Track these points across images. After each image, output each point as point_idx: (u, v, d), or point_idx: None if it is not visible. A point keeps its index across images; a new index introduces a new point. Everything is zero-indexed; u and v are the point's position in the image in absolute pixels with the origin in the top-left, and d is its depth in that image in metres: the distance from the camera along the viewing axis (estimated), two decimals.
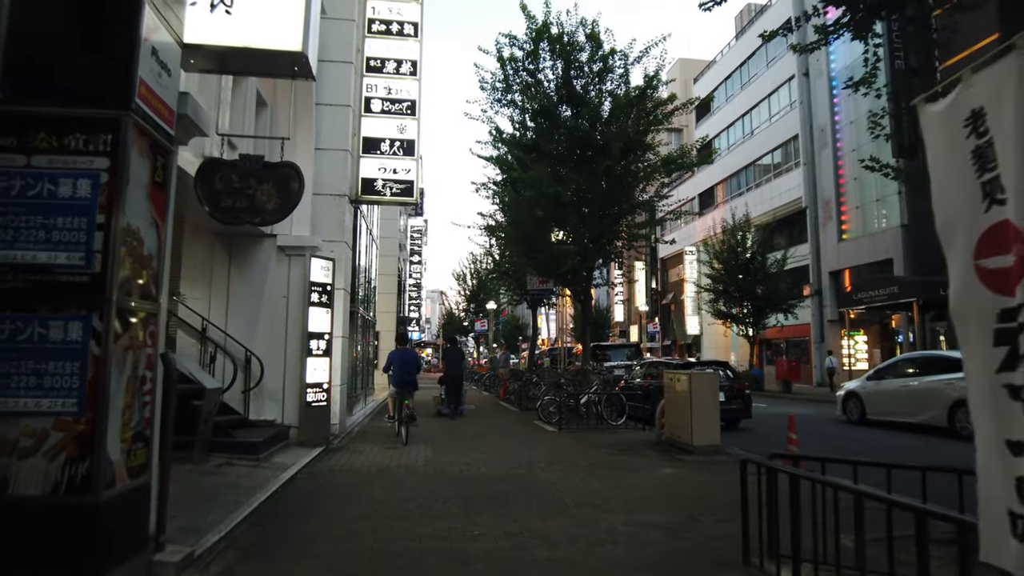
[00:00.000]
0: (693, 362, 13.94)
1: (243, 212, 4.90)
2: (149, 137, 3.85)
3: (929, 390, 12.35)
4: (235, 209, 4.90)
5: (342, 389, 11.04)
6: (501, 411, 16.60)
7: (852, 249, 26.87)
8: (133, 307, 3.74)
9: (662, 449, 10.06)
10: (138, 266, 3.78)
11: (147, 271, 3.88)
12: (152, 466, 4.12)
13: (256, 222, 4.97)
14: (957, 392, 11.52)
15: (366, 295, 17.04)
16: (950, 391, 11.80)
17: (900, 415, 12.91)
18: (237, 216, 4.92)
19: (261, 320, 9.78)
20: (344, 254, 10.99)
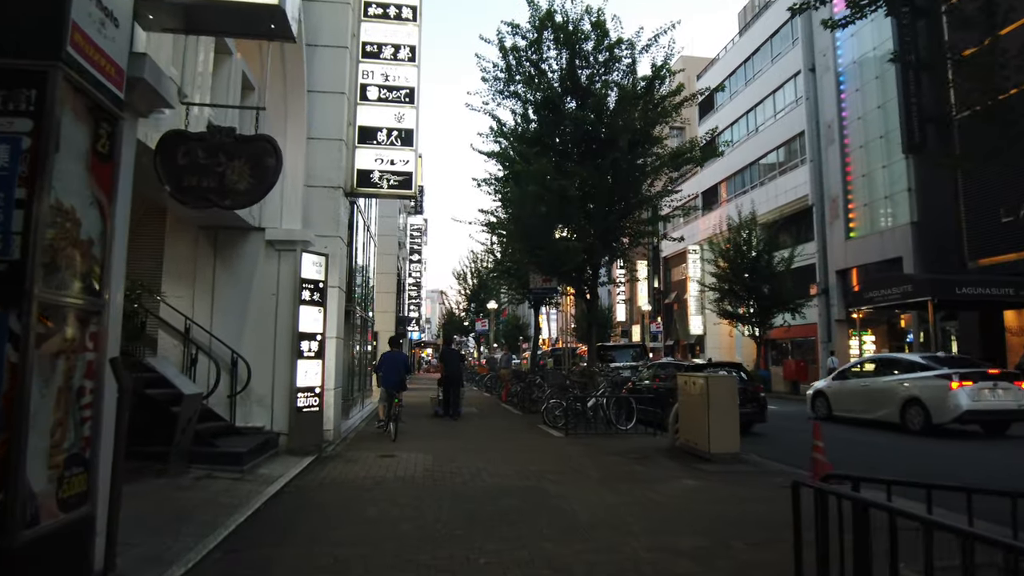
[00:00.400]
0: (704, 363, 13.23)
1: (210, 193, 4.20)
2: (88, 97, 3.16)
3: (884, 389, 13.05)
4: (201, 189, 4.20)
5: (336, 393, 10.36)
6: (504, 414, 15.92)
7: (860, 247, 26.19)
8: (66, 303, 3.05)
9: (677, 457, 9.38)
10: (74, 253, 3.09)
11: (86, 260, 3.19)
12: (97, 493, 3.43)
13: (225, 205, 4.28)
14: (908, 391, 12.36)
15: (363, 294, 16.36)
16: (902, 390, 12.53)
17: (860, 412, 13.59)
18: (203, 197, 4.22)
19: (248, 320, 9.09)
20: (338, 250, 10.31)
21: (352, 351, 15.11)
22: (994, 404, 11.62)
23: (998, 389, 11.74)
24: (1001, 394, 11.72)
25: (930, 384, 12.03)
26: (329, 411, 9.98)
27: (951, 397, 11.55)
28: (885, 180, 25.05)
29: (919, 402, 12.01)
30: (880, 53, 25.06)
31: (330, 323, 9.95)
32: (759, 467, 8.77)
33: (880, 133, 25.25)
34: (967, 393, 11.50)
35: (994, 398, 11.66)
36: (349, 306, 13.74)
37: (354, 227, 14.13)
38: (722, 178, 34.18)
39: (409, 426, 13.01)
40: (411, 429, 12.54)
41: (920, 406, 11.97)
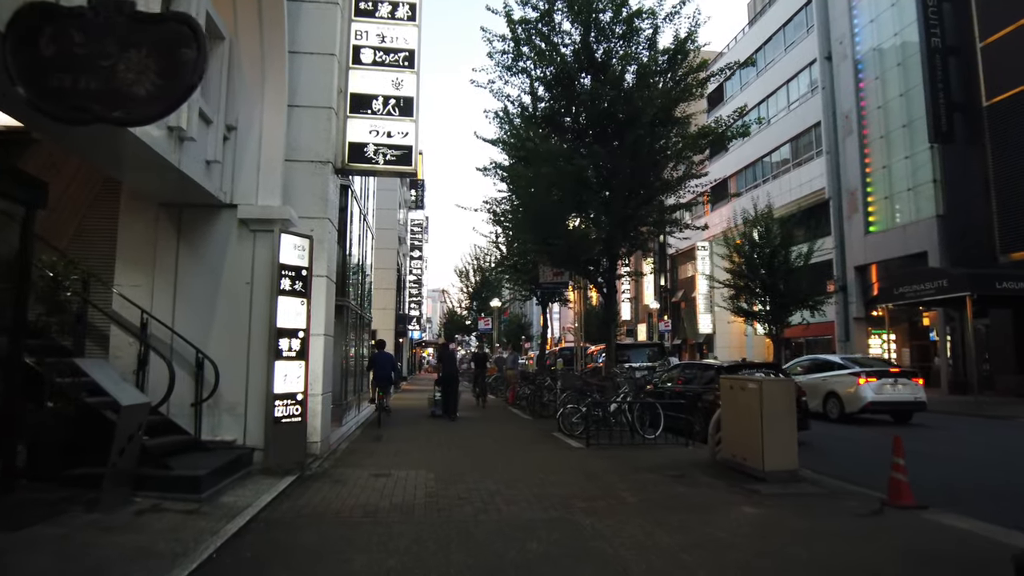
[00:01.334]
0: (737, 363, 11.73)
1: (92, 99, 2.68)
2: None
3: (812, 385, 14.71)
4: (76, 92, 2.67)
5: (325, 399, 8.84)
6: (512, 419, 14.39)
7: (880, 242, 24.70)
8: None
9: (722, 474, 7.87)
10: None
11: None
12: None
13: (116, 117, 2.77)
14: (828, 386, 14.70)
15: (360, 289, 14.85)
16: (824, 386, 14.80)
17: None
18: (81, 106, 2.69)
19: (218, 313, 7.58)
20: (327, 234, 8.79)
21: (348, 351, 13.60)
22: (894, 396, 13.87)
23: (898, 384, 14.03)
24: (900, 388, 14.01)
25: (844, 380, 14.43)
26: (315, 420, 8.46)
27: (859, 391, 13.95)
28: (908, 172, 23.57)
29: (836, 395, 14.42)
30: (902, 40, 23.62)
31: (316, 318, 8.44)
32: (822, 487, 7.27)
33: (902, 122, 23.78)
34: (872, 388, 13.85)
35: (894, 392, 13.90)
36: (341, 301, 12.22)
37: (348, 213, 12.62)
38: (732, 172, 32.66)
39: (408, 432, 11.49)
40: (410, 436, 11.02)
41: (836, 398, 14.38)
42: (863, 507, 6.37)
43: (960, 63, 21.57)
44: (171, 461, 6.21)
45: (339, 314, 12.24)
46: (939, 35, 21.74)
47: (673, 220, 13.76)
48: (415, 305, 33.49)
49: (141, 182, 6.93)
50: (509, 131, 14.90)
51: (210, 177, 7.18)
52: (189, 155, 6.52)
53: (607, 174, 12.08)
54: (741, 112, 13.39)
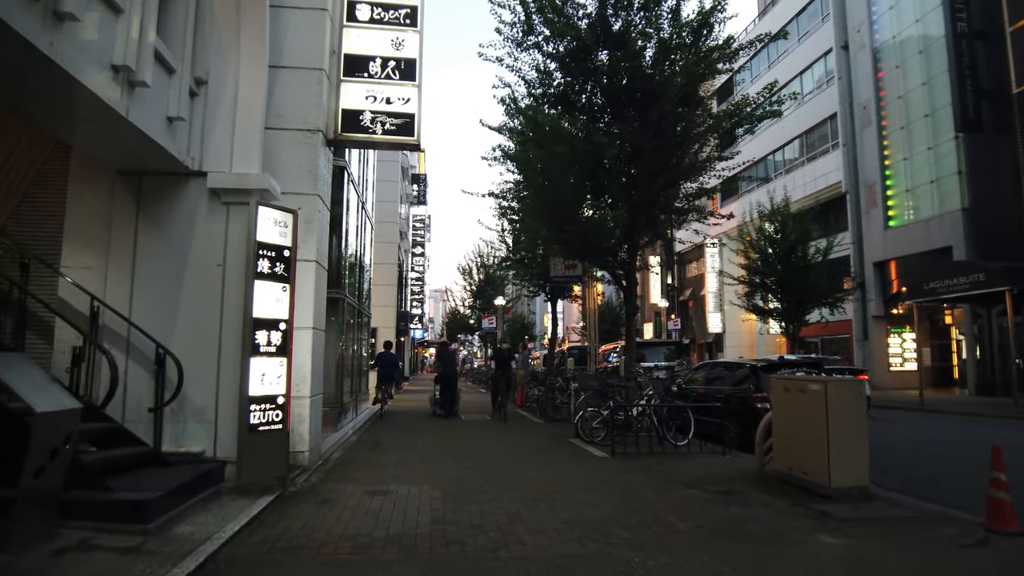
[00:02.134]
0: (774, 362, 10.49)
1: None
2: None
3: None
4: None
5: (315, 403, 7.59)
6: (523, 423, 13.12)
7: (901, 237, 23.44)
8: None
9: (777, 490, 6.62)
10: None
11: None
12: None
13: None
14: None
15: (358, 282, 13.60)
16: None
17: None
18: None
19: (183, 301, 6.34)
20: (316, 213, 7.55)
21: (348, 348, 12.36)
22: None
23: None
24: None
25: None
26: (302, 427, 7.21)
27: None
28: (930, 163, 22.31)
29: None
30: (924, 26, 22.38)
31: (303, 308, 7.20)
32: (901, 507, 6.01)
33: (924, 112, 22.53)
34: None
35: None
36: (336, 293, 10.99)
37: (344, 198, 11.38)
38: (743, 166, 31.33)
39: (409, 438, 10.23)
40: (412, 442, 9.75)
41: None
42: (962, 534, 5.13)
43: (988, 49, 20.31)
44: (116, 480, 4.95)
45: (333, 308, 11.00)
46: (965, 20, 20.49)
47: (696, 207, 12.50)
48: (417, 303, 32.20)
49: (88, 140, 5.68)
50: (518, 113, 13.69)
51: (173, 137, 5.93)
52: (144, 106, 5.28)
53: (629, 154, 10.84)
54: (771, 89, 12.15)
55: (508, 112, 14.55)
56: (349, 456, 8.61)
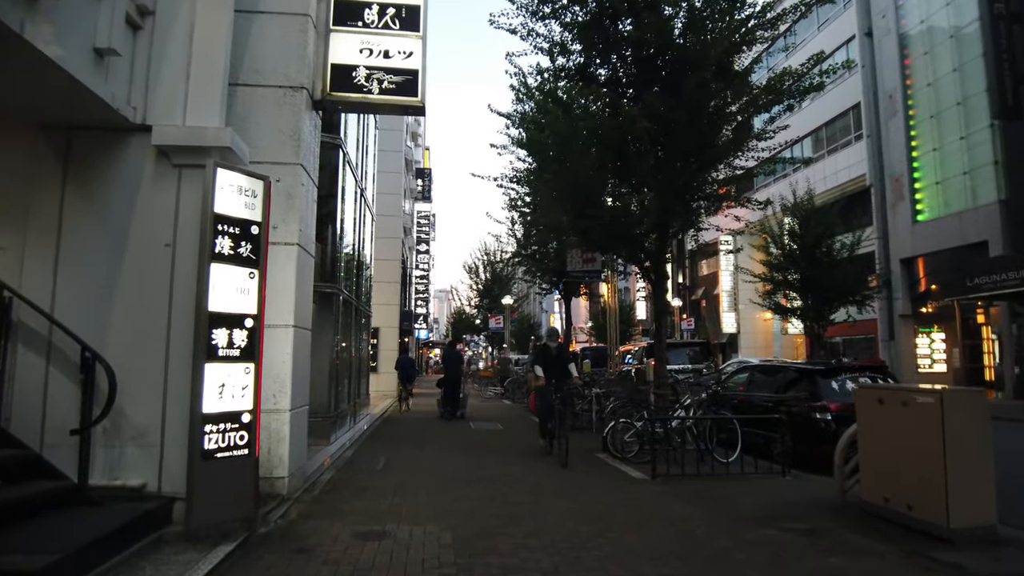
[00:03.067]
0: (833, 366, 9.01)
1: None
2: None
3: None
4: None
5: (297, 417, 6.14)
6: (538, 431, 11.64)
7: (930, 232, 21.89)
8: None
9: (874, 529, 5.16)
10: None
11: None
12: None
13: None
14: None
15: (357, 278, 12.17)
16: None
17: None
18: None
19: (121, 291, 4.90)
20: (300, 187, 6.11)
21: (345, 350, 10.95)
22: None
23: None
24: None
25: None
26: (280, 447, 5.78)
27: None
28: (963, 153, 20.77)
29: None
30: (955, 10, 20.87)
31: (281, 301, 5.77)
32: None
33: (956, 100, 20.99)
34: None
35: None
36: (330, 287, 9.57)
37: (340, 180, 9.96)
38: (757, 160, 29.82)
39: (413, 454, 8.72)
40: (415, 460, 8.27)
41: None
42: None
43: None
44: (18, 531, 3.51)
45: (326, 304, 9.57)
46: (1003, 1, 18.94)
47: (731, 194, 11.03)
48: (422, 302, 30.73)
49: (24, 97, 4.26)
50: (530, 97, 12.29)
51: (105, 78, 4.49)
52: (55, 28, 3.85)
53: (659, 130, 9.37)
54: (818, 59, 10.67)
55: (519, 97, 13.19)
56: (341, 478, 7.14)
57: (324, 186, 9.57)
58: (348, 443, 9.66)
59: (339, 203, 9.85)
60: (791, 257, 20.31)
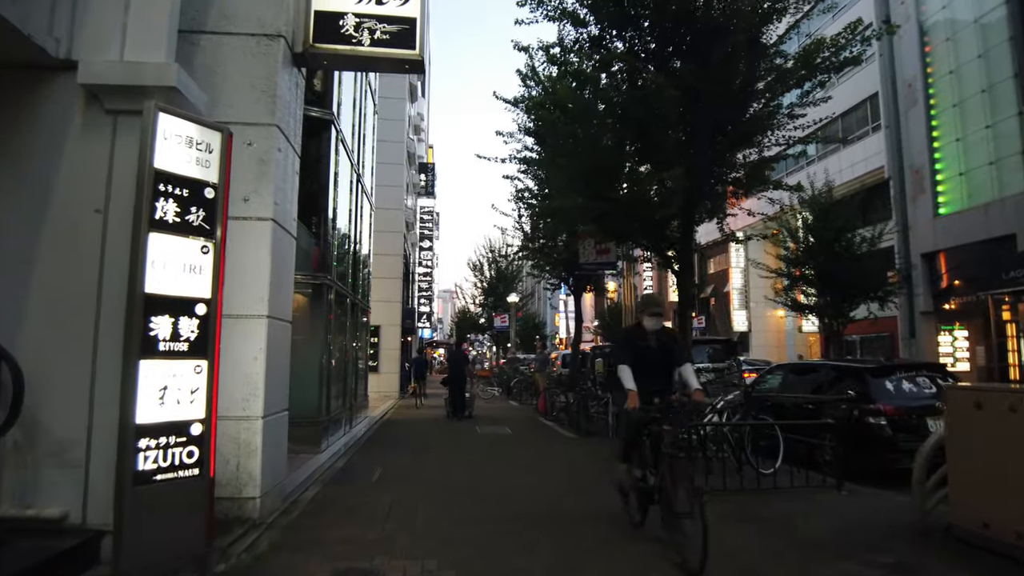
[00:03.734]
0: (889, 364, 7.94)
1: None
2: None
3: None
4: None
5: (271, 425, 5.10)
6: (552, 438, 10.57)
7: (954, 225, 20.75)
8: None
9: (978, 562, 4.10)
10: None
11: None
12: None
13: None
14: None
15: (354, 270, 11.14)
16: None
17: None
18: None
19: (38, 268, 3.87)
20: (276, 152, 5.09)
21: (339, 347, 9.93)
22: None
23: None
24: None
25: None
26: (251, 462, 4.75)
27: None
28: (988, 143, 19.62)
29: None
30: None
31: (251, 286, 4.76)
32: None
33: (981, 87, 19.84)
34: None
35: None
36: (320, 277, 8.55)
37: (332, 159, 8.93)
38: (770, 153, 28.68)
39: (413, 463, 7.64)
40: (416, 469, 7.20)
41: None
42: None
43: None
44: None
45: (318, 297, 8.55)
46: None
47: (764, 176, 9.98)
48: (425, 300, 29.71)
49: None
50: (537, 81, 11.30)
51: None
52: None
53: (688, 102, 8.32)
54: (854, 28, 9.63)
55: (526, 82, 12.18)
56: (327, 495, 6.10)
57: (314, 165, 8.56)
58: (343, 450, 8.62)
59: (332, 186, 8.82)
60: (809, 251, 19.23)
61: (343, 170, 9.66)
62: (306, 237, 8.68)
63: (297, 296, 8.58)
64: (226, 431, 4.75)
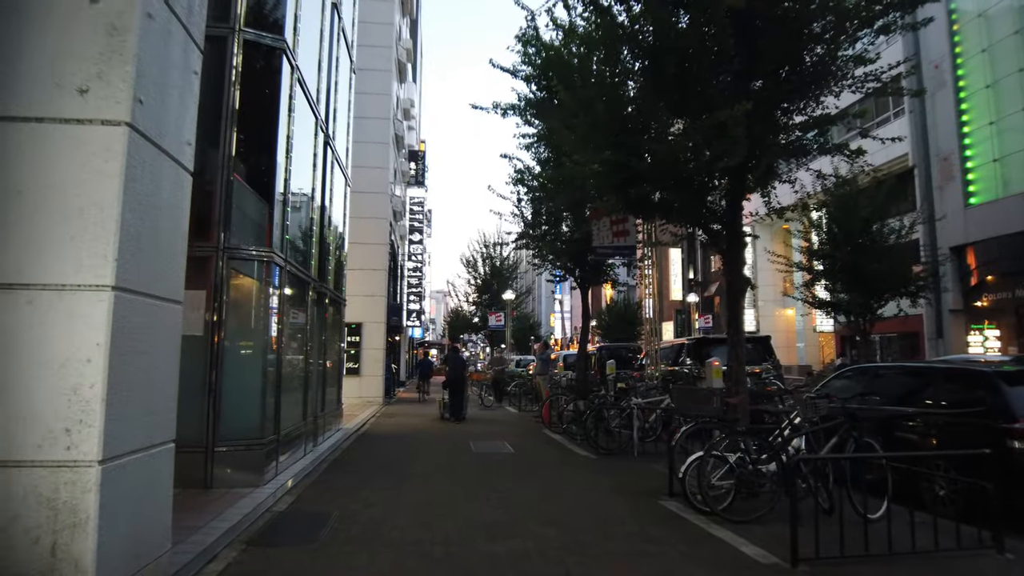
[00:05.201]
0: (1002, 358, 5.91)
1: None
2: None
3: None
4: None
5: (121, 474, 2.97)
6: (563, 458, 8.44)
7: (986, 216, 18.86)
8: None
9: None
10: None
11: None
12: None
13: None
14: None
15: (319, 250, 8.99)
16: None
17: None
18: None
19: None
20: (144, 20, 2.98)
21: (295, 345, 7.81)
22: None
23: None
24: None
25: None
26: (79, 541, 2.61)
27: None
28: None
29: None
30: None
31: (80, 231, 2.66)
32: None
33: (1017, 66, 18.00)
34: None
35: None
36: (262, 251, 6.43)
37: (284, 96, 6.78)
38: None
39: (388, 500, 5.44)
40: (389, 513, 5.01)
41: None
42: None
43: None
44: None
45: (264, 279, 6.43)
46: None
47: (828, 141, 7.94)
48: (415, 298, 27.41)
49: None
50: None
51: None
52: None
53: (740, 37, 6.26)
54: None
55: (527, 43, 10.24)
56: (247, 563, 3.96)
57: (260, 107, 6.44)
58: (295, 480, 6.48)
59: (282, 132, 6.68)
60: (834, 242, 17.29)
61: (303, 121, 7.52)
62: (255, 203, 6.55)
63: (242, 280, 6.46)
64: (29, 486, 2.64)
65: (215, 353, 5.94)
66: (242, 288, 6.54)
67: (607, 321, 31.14)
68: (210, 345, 5.94)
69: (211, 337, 5.97)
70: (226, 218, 6.00)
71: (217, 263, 6.00)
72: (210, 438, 5.84)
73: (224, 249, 6.02)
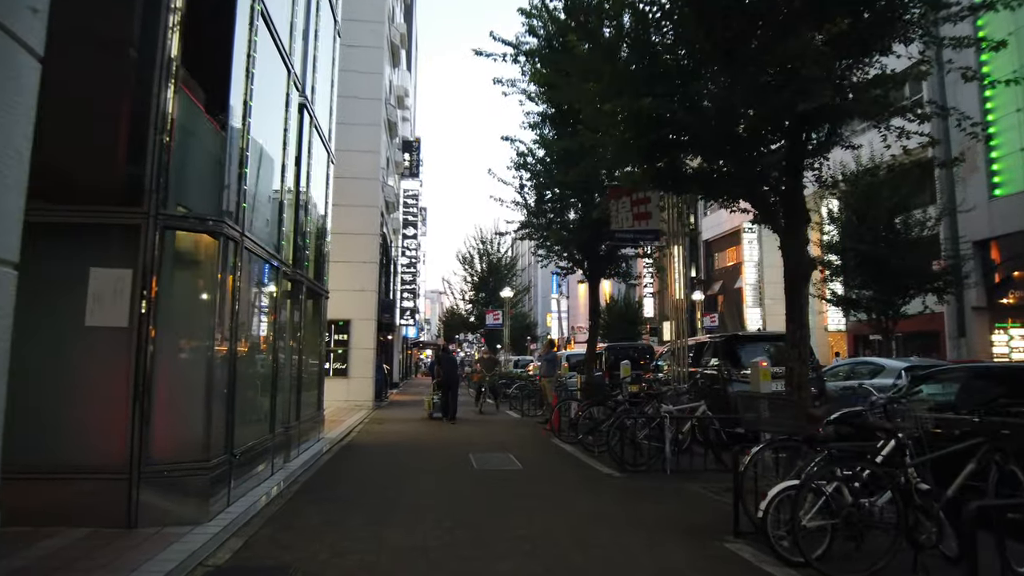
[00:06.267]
0: None
1: None
2: None
3: None
4: None
5: None
6: (582, 477, 7.05)
7: (1012, 209, 17.63)
8: None
9: None
10: None
11: None
12: None
13: None
14: None
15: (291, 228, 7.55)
16: None
17: None
18: None
19: None
20: None
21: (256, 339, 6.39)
22: None
23: None
24: None
25: None
26: None
27: None
28: None
29: None
30: None
31: None
32: None
33: None
34: None
35: None
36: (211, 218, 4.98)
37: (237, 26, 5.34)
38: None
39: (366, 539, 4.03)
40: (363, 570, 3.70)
41: None
42: None
43: None
44: None
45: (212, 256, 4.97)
46: None
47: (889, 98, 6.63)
48: (409, 294, 25.89)
49: None
50: None
51: None
52: None
53: None
54: None
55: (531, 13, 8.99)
56: None
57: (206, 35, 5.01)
58: (251, 514, 5.04)
59: (243, 79, 5.25)
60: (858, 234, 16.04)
61: (267, 60, 6.09)
62: (205, 155, 5.13)
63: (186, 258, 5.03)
64: None
65: (145, 350, 4.51)
66: (186, 268, 5.10)
67: (607, 320, 29.76)
68: (138, 340, 4.50)
69: (141, 330, 4.53)
70: (161, 172, 4.57)
71: (149, 234, 4.57)
72: (135, 459, 4.40)
73: (158, 216, 4.58)
